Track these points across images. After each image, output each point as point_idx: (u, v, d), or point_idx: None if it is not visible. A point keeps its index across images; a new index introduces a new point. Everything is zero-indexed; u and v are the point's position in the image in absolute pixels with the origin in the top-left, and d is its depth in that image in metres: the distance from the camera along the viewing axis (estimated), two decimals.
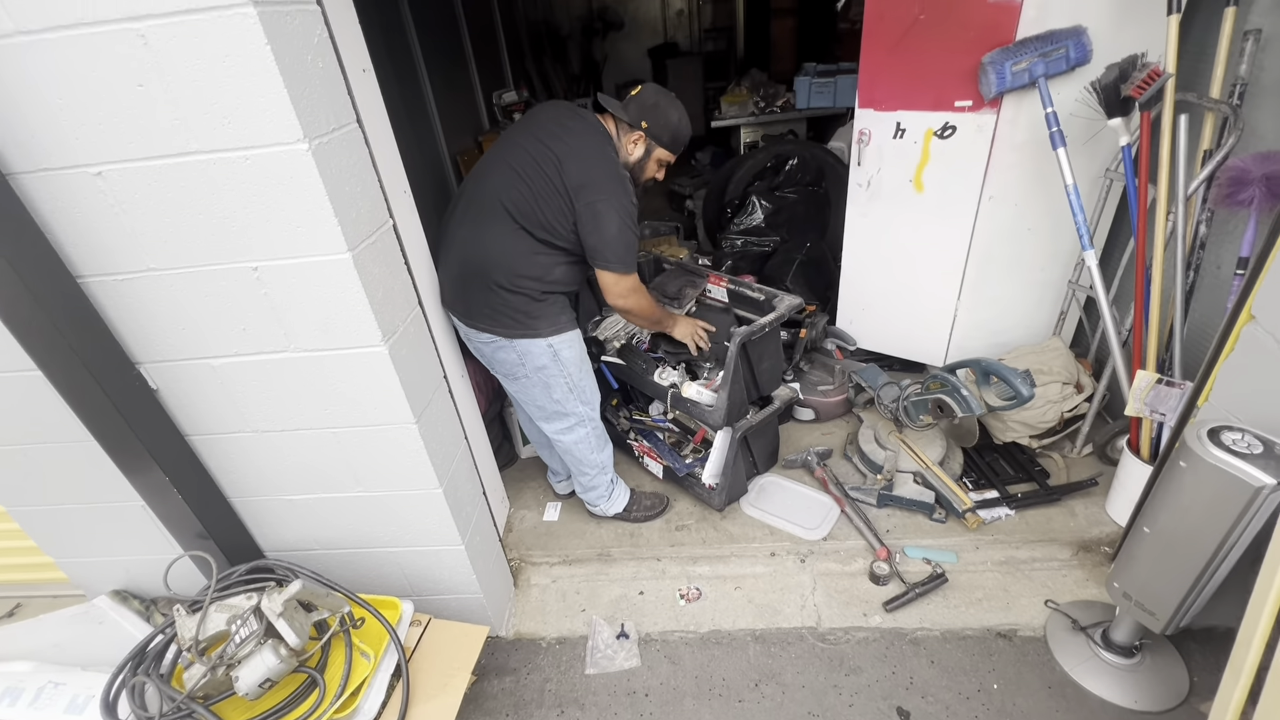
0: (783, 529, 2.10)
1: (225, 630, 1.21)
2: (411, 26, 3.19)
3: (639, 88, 1.75)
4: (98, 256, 1.18)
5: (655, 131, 1.72)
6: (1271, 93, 1.64)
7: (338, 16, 1.27)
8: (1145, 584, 1.41)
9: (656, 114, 1.71)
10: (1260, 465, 1.15)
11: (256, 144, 1.04)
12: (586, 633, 1.88)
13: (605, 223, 1.61)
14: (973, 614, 1.81)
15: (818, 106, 3.98)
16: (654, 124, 1.71)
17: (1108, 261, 2.25)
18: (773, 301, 2.06)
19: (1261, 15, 1.65)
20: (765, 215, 3.20)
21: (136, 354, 1.30)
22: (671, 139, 1.75)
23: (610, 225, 1.61)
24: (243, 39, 0.95)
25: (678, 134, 1.75)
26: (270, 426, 1.40)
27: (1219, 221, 1.79)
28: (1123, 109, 1.72)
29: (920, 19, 2.02)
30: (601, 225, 1.61)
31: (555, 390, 1.84)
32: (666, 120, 1.72)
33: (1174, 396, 1.68)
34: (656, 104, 1.71)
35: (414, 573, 1.68)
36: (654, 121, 1.71)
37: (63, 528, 1.66)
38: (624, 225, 1.63)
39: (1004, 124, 2.02)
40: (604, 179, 1.61)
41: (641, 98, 1.72)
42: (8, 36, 0.96)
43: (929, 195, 2.26)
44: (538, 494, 2.38)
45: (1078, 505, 2.04)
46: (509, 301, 1.68)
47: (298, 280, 1.19)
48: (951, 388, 1.96)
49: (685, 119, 1.76)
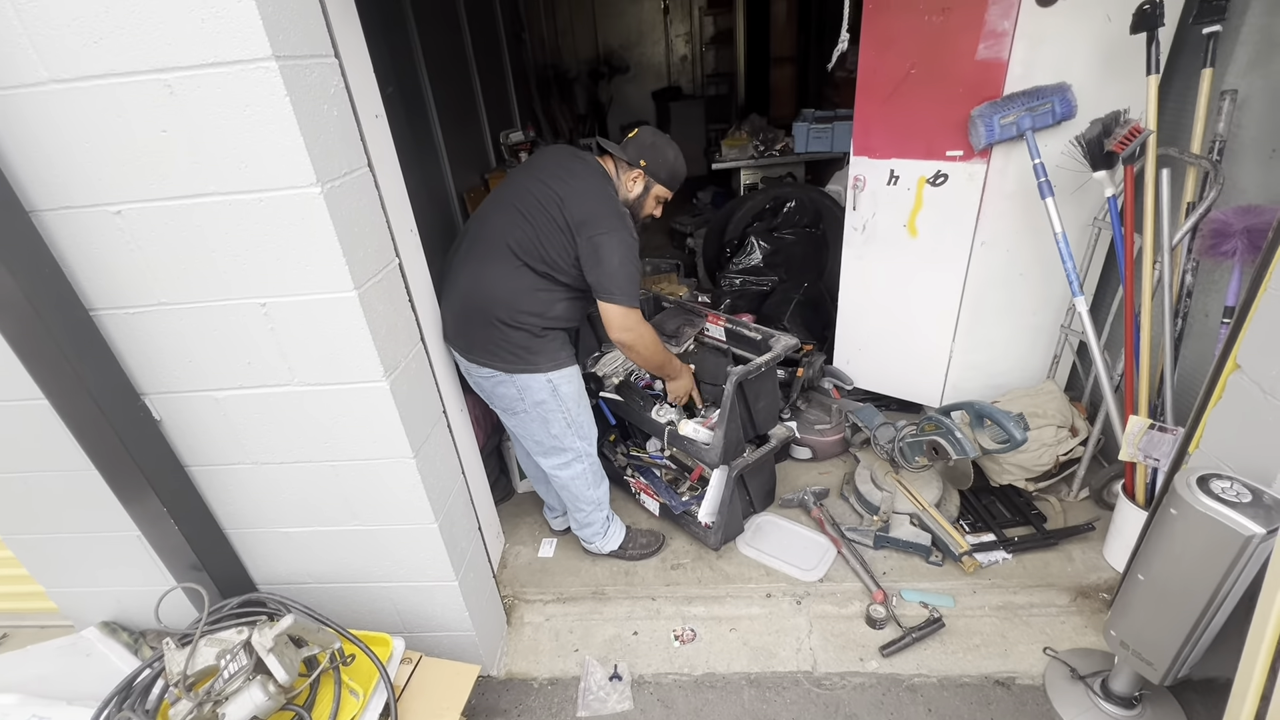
0: (779, 569, 2.08)
1: (214, 665, 1.20)
2: (424, 70, 3.32)
3: (636, 130, 1.83)
4: (111, 290, 1.21)
5: (653, 169, 1.79)
6: (1250, 149, 1.70)
7: (353, 66, 1.34)
8: (1141, 632, 1.40)
9: (654, 153, 1.78)
10: (1249, 514, 1.15)
11: (271, 187, 1.09)
12: (579, 673, 1.85)
13: (607, 255, 1.65)
14: (970, 660, 1.78)
15: (815, 151, 4.09)
16: (651, 162, 1.78)
17: (1099, 307, 2.29)
18: (769, 341, 2.09)
19: (1237, 76, 1.73)
20: (764, 255, 3.26)
21: (143, 385, 1.32)
22: (669, 176, 1.82)
23: (613, 258, 1.65)
24: (263, 90, 1.01)
25: (674, 171, 1.82)
26: (270, 458, 1.42)
27: (1205, 271, 1.83)
28: (1107, 162, 1.78)
29: (911, 73, 2.11)
30: (604, 258, 1.65)
31: (553, 425, 1.86)
32: (663, 158, 1.79)
33: (1167, 442, 1.70)
34: (654, 143, 1.79)
35: (407, 609, 1.67)
36: (651, 159, 1.78)
37: (56, 557, 1.66)
38: (626, 258, 1.67)
39: (994, 173, 2.09)
40: (605, 214, 1.67)
41: (639, 139, 1.80)
42: (42, 85, 1.02)
43: (923, 239, 2.32)
44: (533, 529, 2.37)
45: (1075, 550, 2.03)
46: (510, 337, 1.71)
47: (304, 316, 1.22)
48: (946, 430, 1.98)
49: (681, 158, 1.83)
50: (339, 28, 1.26)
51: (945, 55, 2.01)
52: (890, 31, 2.10)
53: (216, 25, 0.96)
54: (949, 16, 1.96)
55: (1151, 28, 1.67)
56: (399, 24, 3.13)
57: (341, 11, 1.30)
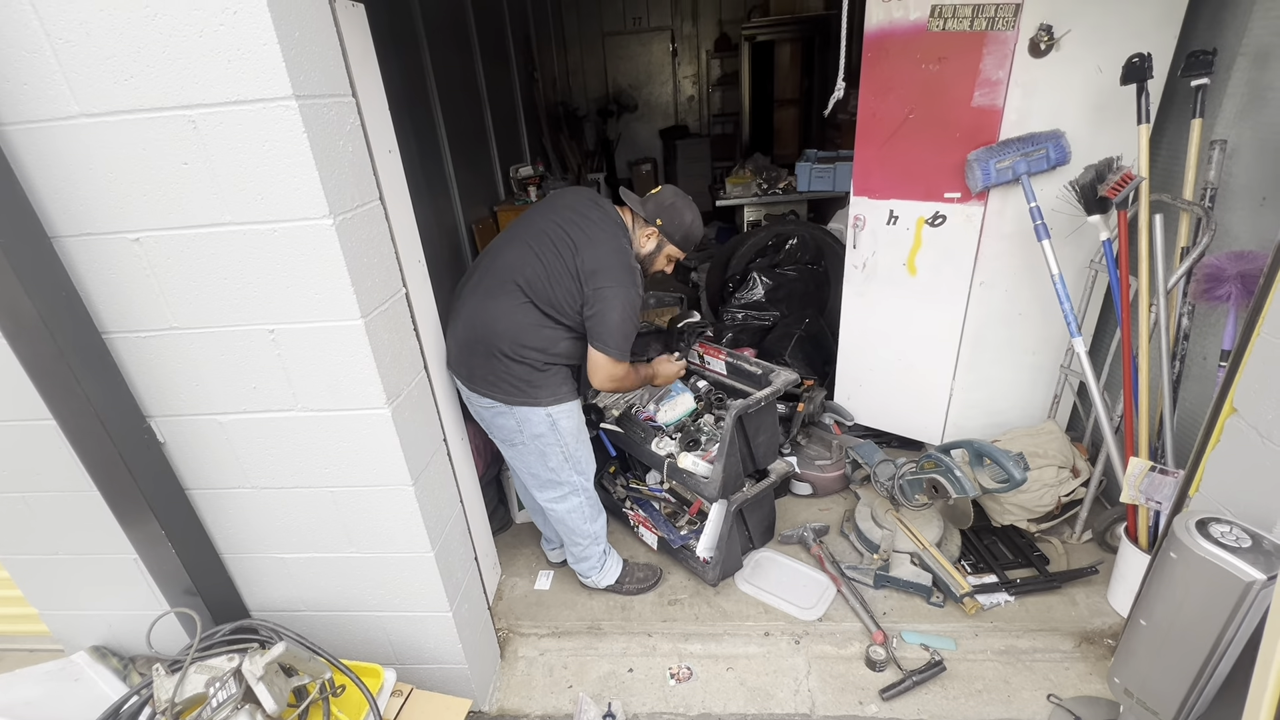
0: (777, 607, 2.05)
1: (203, 693, 1.19)
2: (438, 106, 3.43)
3: (659, 188, 1.87)
4: (125, 314, 1.24)
5: (668, 230, 1.83)
6: (1241, 196, 1.74)
7: (369, 103, 1.40)
8: (1146, 680, 1.37)
9: (672, 213, 1.82)
10: (1249, 559, 1.14)
11: (285, 218, 1.12)
12: (572, 711, 1.81)
13: (610, 309, 1.69)
14: (973, 706, 1.74)
15: (818, 190, 4.18)
16: (668, 222, 1.82)
17: (1098, 348, 2.31)
18: (770, 376, 2.11)
19: (1227, 127, 1.77)
20: (765, 291, 3.30)
21: (149, 407, 1.34)
22: (683, 238, 1.86)
23: (614, 313, 1.69)
24: (283, 127, 1.05)
25: (689, 234, 1.86)
26: (270, 483, 1.43)
27: (1202, 314, 1.85)
28: (1100, 207, 1.82)
29: (910, 118, 2.17)
30: (606, 311, 1.69)
31: (551, 459, 1.86)
32: (681, 220, 1.83)
33: (1168, 485, 1.69)
34: (674, 204, 1.83)
35: (399, 639, 1.65)
36: (668, 220, 1.82)
37: (51, 578, 1.66)
38: (626, 315, 1.71)
39: (991, 215, 2.13)
40: (616, 268, 1.71)
41: (660, 197, 1.84)
42: (72, 118, 1.07)
43: (922, 278, 2.35)
44: (530, 561, 2.35)
45: (1079, 593, 2.00)
46: (512, 370, 1.73)
47: (310, 343, 1.24)
48: (945, 468, 1.97)
49: (699, 221, 1.87)
50: (357, 68, 1.32)
51: (942, 101, 2.08)
52: (889, 78, 2.17)
53: (241, 66, 1.01)
54: (945, 65, 2.03)
55: (1141, 79, 1.73)
56: (415, 61, 3.25)
57: (360, 53, 1.36)
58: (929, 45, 2.04)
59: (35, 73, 1.04)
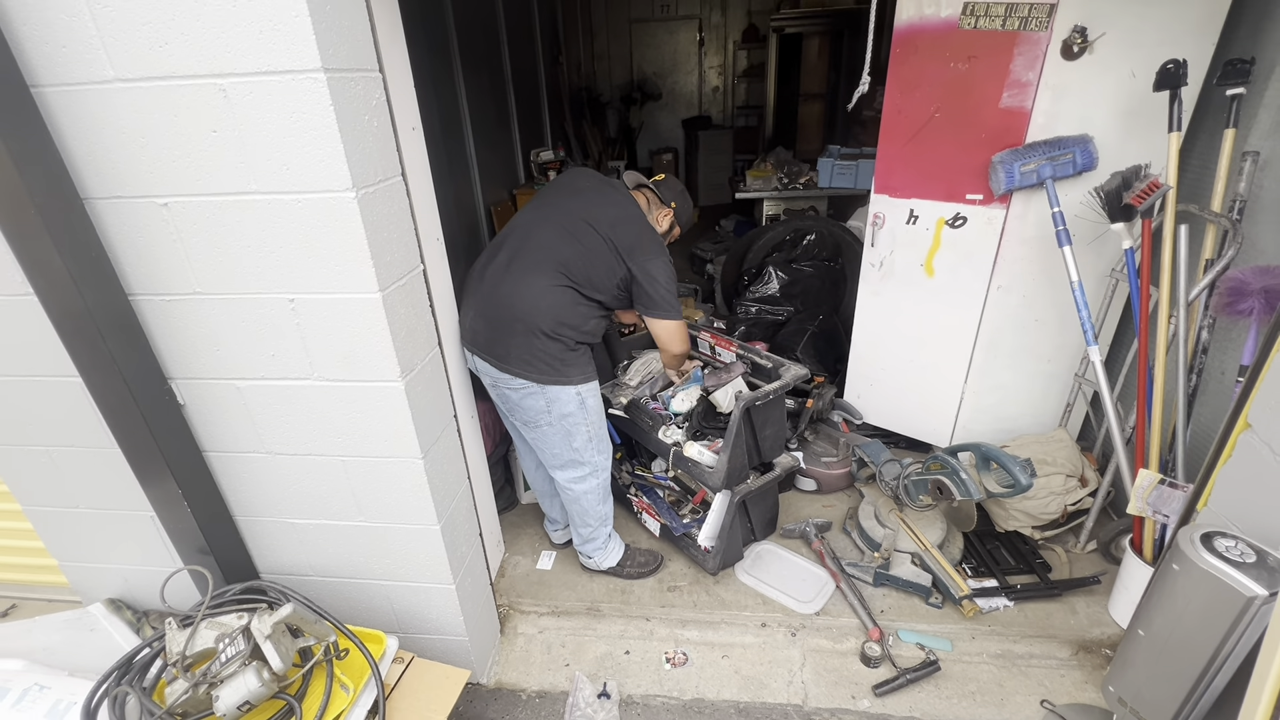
0: (776, 599, 2.07)
1: (212, 648, 1.23)
2: (462, 86, 3.43)
3: (663, 176, 2.11)
4: (151, 277, 1.27)
5: (679, 213, 2.07)
6: (1270, 210, 1.71)
7: (395, 80, 1.41)
8: (1140, 690, 1.37)
9: (682, 199, 2.08)
10: (1252, 575, 1.14)
11: (309, 189, 1.14)
12: (568, 688, 1.85)
13: (658, 279, 1.85)
14: (965, 707, 1.75)
15: (839, 186, 4.13)
16: (680, 206, 2.07)
17: (1114, 358, 2.28)
18: (779, 370, 2.11)
19: (1261, 138, 1.74)
20: (780, 285, 3.29)
21: (171, 370, 1.38)
22: (685, 221, 2.12)
23: (662, 282, 1.86)
24: (311, 99, 1.07)
25: (689, 219, 2.13)
26: (284, 449, 1.46)
27: (1221, 328, 1.82)
28: (1125, 215, 1.79)
29: (936, 116, 2.15)
30: (657, 283, 1.85)
31: (576, 439, 1.90)
32: (686, 206, 2.09)
33: (1176, 498, 1.68)
34: (681, 192, 2.09)
35: (403, 609, 1.69)
36: (680, 204, 2.07)
37: (72, 531, 1.71)
38: (670, 278, 1.89)
39: (1013, 219, 2.11)
40: (652, 243, 1.86)
41: (670, 184, 2.08)
42: (108, 83, 1.09)
43: (939, 279, 2.33)
44: (533, 541, 2.38)
45: (1079, 602, 2.00)
46: (548, 348, 1.77)
47: (328, 314, 1.27)
48: (951, 470, 1.97)
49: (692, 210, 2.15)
50: (384, 43, 1.33)
51: (969, 101, 2.05)
52: (917, 75, 2.15)
53: (274, 37, 1.03)
54: (975, 64, 2.01)
55: (1175, 86, 1.69)
56: (440, 39, 3.25)
57: (388, 29, 1.37)
58: (959, 43, 2.01)
59: (73, 35, 1.07)
